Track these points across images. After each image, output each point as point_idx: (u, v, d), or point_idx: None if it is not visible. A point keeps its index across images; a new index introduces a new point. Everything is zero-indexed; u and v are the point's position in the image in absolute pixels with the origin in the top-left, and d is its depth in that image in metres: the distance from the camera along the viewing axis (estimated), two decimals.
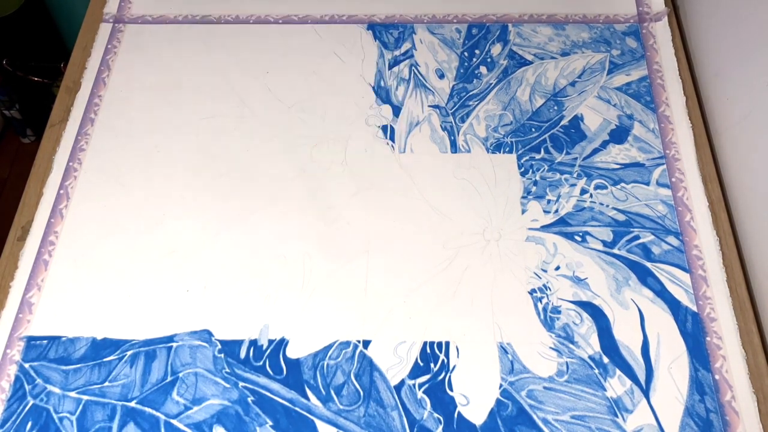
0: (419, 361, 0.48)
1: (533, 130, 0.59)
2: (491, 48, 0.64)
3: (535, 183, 0.56)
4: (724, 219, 0.54)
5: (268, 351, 0.48)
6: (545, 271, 0.51)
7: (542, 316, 0.49)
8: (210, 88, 0.62)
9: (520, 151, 0.57)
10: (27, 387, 0.47)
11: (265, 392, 0.47)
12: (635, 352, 0.48)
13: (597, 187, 0.55)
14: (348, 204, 0.55)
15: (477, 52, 0.64)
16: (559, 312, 0.50)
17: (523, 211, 0.54)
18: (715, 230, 0.53)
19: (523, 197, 0.55)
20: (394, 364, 0.48)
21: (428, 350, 0.48)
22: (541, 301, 0.50)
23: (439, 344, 0.49)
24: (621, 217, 0.54)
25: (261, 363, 0.48)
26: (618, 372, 0.47)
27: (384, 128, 0.59)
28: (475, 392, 0.47)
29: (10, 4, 1.19)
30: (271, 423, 0.46)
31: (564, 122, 0.59)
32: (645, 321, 0.49)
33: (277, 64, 0.63)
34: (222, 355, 0.48)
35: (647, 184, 0.55)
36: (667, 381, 0.47)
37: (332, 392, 0.47)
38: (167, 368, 0.48)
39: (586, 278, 0.51)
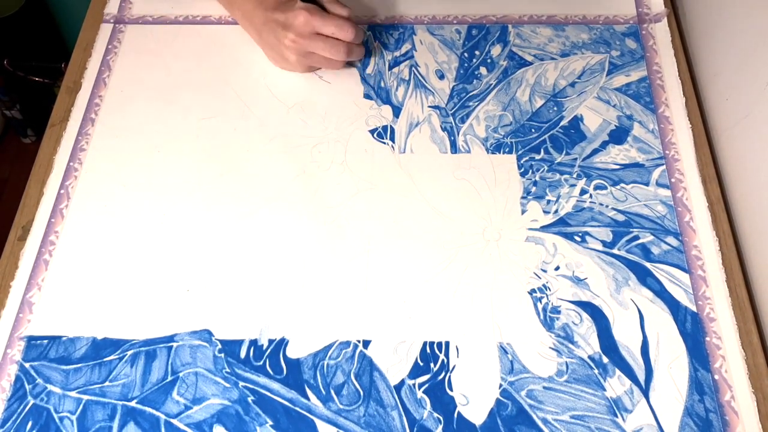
0: (419, 360, 0.48)
1: (533, 130, 0.59)
2: (491, 49, 0.64)
3: (535, 183, 0.56)
4: (724, 219, 0.54)
5: (268, 351, 0.49)
6: (545, 271, 0.51)
7: (542, 316, 0.49)
8: (210, 88, 0.62)
9: (519, 152, 0.57)
10: (27, 387, 0.47)
11: (265, 392, 0.47)
12: (635, 352, 0.48)
13: (596, 188, 0.55)
14: (348, 204, 0.55)
15: (477, 52, 0.64)
16: (559, 312, 0.50)
17: (523, 212, 0.54)
18: (715, 230, 0.53)
19: (522, 197, 0.55)
20: (394, 363, 0.48)
21: (428, 350, 0.48)
22: (540, 301, 0.50)
23: (439, 344, 0.49)
24: (620, 218, 0.54)
25: (261, 363, 0.48)
26: (617, 372, 0.47)
27: (376, 131, 0.59)
28: (475, 392, 0.47)
29: (11, 5, 1.19)
30: (271, 423, 0.46)
31: (564, 123, 0.59)
32: (644, 321, 0.49)
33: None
34: (222, 355, 0.48)
35: (647, 184, 0.55)
36: (666, 381, 0.47)
37: (332, 392, 0.47)
38: (167, 368, 0.48)
39: (586, 278, 0.51)
